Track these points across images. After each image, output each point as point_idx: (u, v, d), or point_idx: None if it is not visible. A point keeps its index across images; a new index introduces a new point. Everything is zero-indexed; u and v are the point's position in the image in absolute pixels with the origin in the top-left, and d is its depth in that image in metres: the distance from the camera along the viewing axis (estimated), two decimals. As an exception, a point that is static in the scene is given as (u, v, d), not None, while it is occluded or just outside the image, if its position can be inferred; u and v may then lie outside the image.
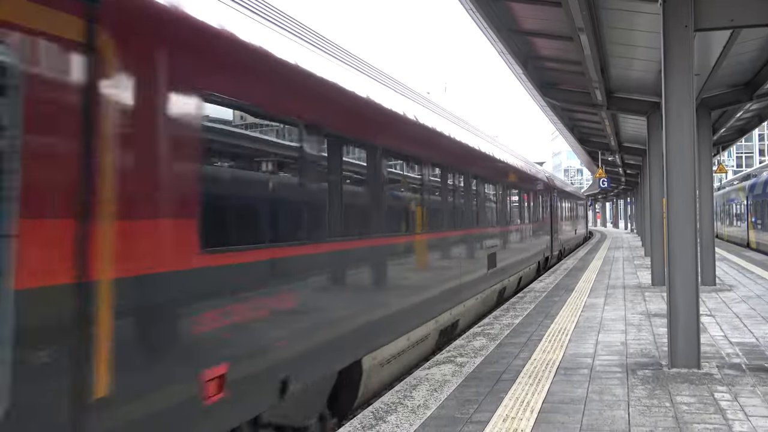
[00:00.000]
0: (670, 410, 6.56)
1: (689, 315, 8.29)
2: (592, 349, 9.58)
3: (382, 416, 6.64)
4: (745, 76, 14.97)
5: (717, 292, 16.01)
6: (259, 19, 6.15)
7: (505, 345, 10.08)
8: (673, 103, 8.31)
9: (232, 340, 5.17)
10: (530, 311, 13.54)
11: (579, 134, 28.12)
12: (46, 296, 3.62)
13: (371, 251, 8.12)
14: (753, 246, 34.73)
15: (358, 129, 7.79)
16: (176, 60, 4.64)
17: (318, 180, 6.72)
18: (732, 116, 19.49)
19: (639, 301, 14.75)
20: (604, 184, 38.94)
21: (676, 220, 8.37)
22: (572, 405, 6.81)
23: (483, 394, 7.34)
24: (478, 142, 14.53)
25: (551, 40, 13.81)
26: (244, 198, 5.62)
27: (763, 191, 31.55)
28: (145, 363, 4.29)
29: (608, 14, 11.10)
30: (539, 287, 18.05)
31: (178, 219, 4.61)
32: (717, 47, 11.66)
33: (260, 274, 5.65)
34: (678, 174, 8.34)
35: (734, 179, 51.75)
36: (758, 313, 12.68)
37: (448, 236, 11.60)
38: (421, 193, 10.04)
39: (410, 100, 10.42)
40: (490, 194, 15.39)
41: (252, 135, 5.76)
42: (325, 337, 6.78)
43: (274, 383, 5.77)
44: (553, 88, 18.06)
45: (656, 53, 11.60)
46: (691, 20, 8.11)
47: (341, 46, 8.42)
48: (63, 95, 3.73)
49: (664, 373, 8.05)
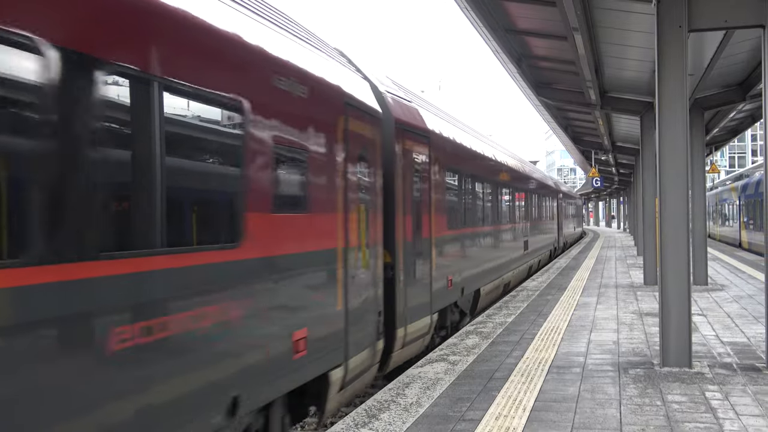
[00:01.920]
0: (661, 409, 6.59)
1: (681, 314, 8.32)
2: (584, 348, 9.61)
3: (375, 414, 6.65)
4: (738, 76, 15.02)
5: (709, 291, 16.07)
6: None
7: (498, 343, 10.10)
8: (667, 103, 8.34)
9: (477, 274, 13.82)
10: (523, 310, 13.57)
11: (572, 133, 28.19)
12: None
13: (490, 233, 16.54)
14: (745, 246, 34.86)
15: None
16: (440, 155, 11.93)
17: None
18: (725, 116, 19.56)
19: (631, 301, 14.80)
20: (597, 184, 38.98)
21: (668, 219, 8.40)
22: (564, 403, 6.84)
23: (475, 392, 7.36)
24: (514, 163, 22.00)
25: (545, 40, 13.83)
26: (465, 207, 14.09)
27: (755, 191, 31.66)
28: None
29: (602, 14, 11.13)
30: (532, 286, 18.09)
31: (439, 216, 11.71)
32: (710, 48, 11.70)
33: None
34: (671, 174, 8.37)
35: (727, 179, 51.93)
36: (749, 312, 12.74)
37: (506, 228, 19.07)
38: (497, 200, 17.74)
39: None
40: (523, 199, 22.75)
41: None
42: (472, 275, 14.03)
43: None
44: (547, 87, 18.11)
45: (650, 53, 11.62)
46: (685, 21, 8.14)
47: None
48: (415, 163, 10.54)
49: (656, 372, 8.09)
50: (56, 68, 3.60)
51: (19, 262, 3.41)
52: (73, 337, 3.77)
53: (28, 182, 3.51)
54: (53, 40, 3.59)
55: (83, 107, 3.82)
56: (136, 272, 4.18)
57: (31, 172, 3.51)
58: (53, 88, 3.60)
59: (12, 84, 3.42)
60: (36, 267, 3.48)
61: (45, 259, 3.54)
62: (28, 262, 3.45)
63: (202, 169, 5.20)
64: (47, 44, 3.55)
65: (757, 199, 30.51)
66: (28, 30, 3.45)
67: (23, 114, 3.52)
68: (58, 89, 3.63)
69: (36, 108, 3.53)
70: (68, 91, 3.72)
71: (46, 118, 3.58)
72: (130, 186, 4.23)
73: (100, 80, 3.97)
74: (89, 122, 3.87)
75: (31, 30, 3.47)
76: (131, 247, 4.17)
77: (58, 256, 3.62)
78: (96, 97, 3.92)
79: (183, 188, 4.80)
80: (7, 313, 3.35)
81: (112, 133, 4.11)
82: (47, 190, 3.57)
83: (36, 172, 3.52)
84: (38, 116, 3.54)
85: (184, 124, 4.86)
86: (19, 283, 3.39)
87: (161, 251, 4.40)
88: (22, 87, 3.46)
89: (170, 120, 4.54)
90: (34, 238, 3.51)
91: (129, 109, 4.25)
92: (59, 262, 3.62)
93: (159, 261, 4.39)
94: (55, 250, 3.61)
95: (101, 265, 3.89)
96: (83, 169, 3.79)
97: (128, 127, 4.27)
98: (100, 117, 3.96)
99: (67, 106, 3.72)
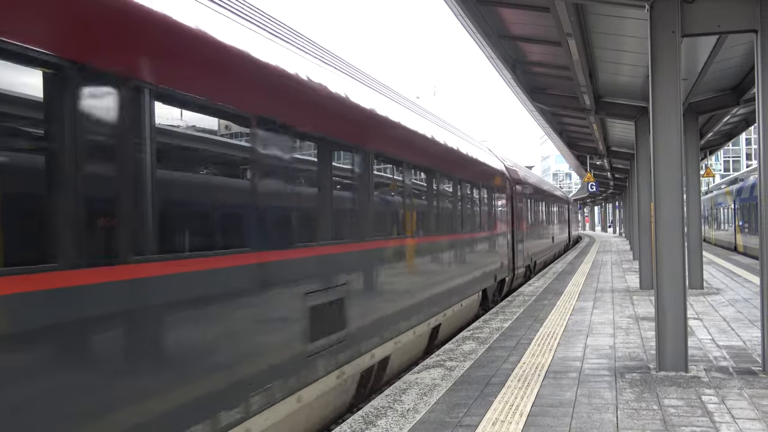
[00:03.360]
0: (658, 413, 6.60)
1: (677, 318, 8.34)
2: (580, 353, 9.62)
3: (372, 420, 6.65)
4: (731, 80, 15.08)
5: (704, 295, 16.10)
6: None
7: (495, 349, 10.10)
8: (661, 108, 8.36)
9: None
10: (519, 315, 13.57)
11: (567, 138, 28.26)
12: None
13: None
14: (740, 250, 34.94)
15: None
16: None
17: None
18: (719, 121, 19.62)
19: (627, 305, 14.82)
20: (593, 188, 39.11)
21: (663, 223, 8.42)
22: (561, 408, 6.84)
23: (472, 398, 7.36)
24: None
25: (540, 45, 13.87)
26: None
27: (750, 195, 31.75)
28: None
29: (596, 19, 11.17)
30: (528, 291, 18.10)
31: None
32: (704, 52, 11.74)
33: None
34: (666, 178, 8.39)
35: (721, 183, 52.08)
36: (745, 316, 12.76)
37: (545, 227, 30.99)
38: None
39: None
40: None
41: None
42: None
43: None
44: (541, 92, 18.15)
45: (644, 58, 11.66)
46: (679, 26, 8.17)
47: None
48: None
49: (652, 377, 8.10)
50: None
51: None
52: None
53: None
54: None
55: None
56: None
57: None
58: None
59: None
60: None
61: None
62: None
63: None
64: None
65: (752, 202, 30.59)
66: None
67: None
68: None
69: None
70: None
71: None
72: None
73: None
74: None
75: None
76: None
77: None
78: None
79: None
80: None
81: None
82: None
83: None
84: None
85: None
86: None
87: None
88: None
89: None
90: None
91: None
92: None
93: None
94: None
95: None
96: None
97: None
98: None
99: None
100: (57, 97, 3.85)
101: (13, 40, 3.56)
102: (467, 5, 10.95)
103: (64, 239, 3.84)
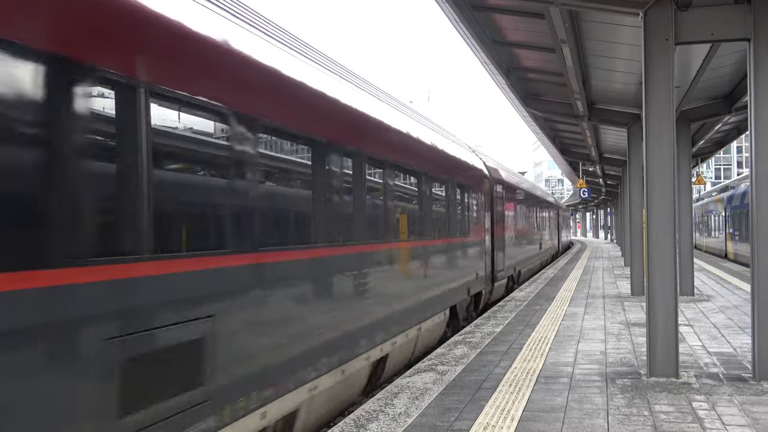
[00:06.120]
0: (648, 419, 6.62)
1: (668, 325, 8.37)
2: (572, 358, 9.64)
3: (363, 424, 6.65)
4: (724, 89, 15.17)
5: (695, 302, 16.16)
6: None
7: (486, 353, 10.12)
8: (654, 115, 8.40)
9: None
10: (511, 320, 13.60)
11: (560, 145, 28.35)
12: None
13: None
14: (731, 257, 35.10)
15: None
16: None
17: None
18: (711, 128, 19.73)
19: (618, 311, 14.86)
20: (585, 195, 39.23)
21: (655, 230, 8.46)
22: (552, 413, 6.86)
23: (464, 402, 7.37)
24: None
25: (534, 52, 13.93)
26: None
27: (741, 203, 31.91)
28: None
29: (590, 27, 11.22)
30: (520, 296, 18.13)
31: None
32: (697, 60, 11.82)
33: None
34: (658, 185, 8.43)
35: (713, 191, 52.29)
36: (735, 323, 12.82)
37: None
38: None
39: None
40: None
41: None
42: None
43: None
44: (535, 98, 18.21)
45: (637, 66, 11.74)
46: (672, 34, 8.22)
47: None
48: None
49: (643, 382, 8.12)
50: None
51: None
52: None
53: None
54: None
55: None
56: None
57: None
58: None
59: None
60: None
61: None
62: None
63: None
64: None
65: (743, 210, 30.75)
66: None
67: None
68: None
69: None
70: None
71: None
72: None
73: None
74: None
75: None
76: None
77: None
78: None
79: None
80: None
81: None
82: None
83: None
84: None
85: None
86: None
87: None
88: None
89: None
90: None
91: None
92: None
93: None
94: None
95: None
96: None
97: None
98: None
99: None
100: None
101: (7, 37, 3.56)
102: (462, 11, 10.99)
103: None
